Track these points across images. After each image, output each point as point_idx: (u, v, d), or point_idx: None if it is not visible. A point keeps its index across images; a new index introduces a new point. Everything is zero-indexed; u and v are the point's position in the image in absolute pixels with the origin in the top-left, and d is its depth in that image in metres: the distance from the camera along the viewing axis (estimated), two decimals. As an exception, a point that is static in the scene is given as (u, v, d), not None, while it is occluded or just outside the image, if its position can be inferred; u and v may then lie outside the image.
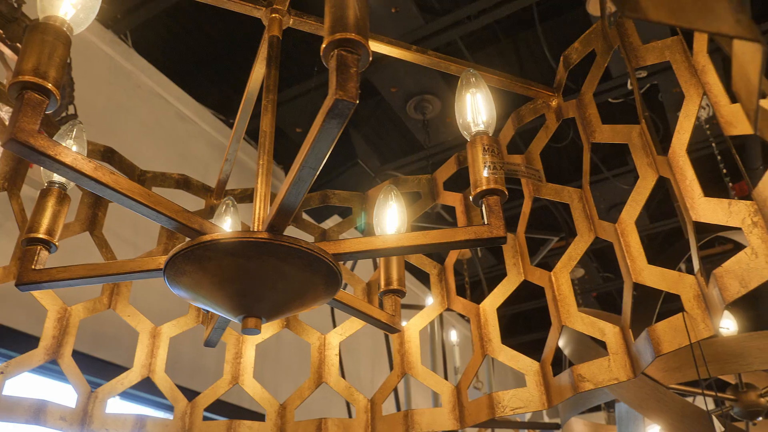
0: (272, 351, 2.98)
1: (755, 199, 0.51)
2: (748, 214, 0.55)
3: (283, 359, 2.99)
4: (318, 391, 1.04)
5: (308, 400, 1.02)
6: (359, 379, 3.57)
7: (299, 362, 3.03)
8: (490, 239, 0.62)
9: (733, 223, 0.58)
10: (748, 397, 1.74)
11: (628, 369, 0.76)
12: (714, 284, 0.60)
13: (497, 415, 0.88)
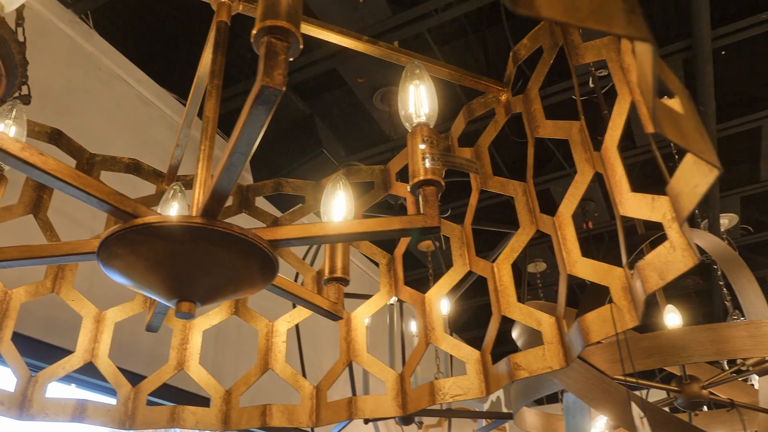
0: (233, 340, 2.97)
1: (668, 195, 0.53)
2: (669, 209, 0.58)
3: (243, 348, 2.98)
4: (280, 378, 1.04)
5: (270, 387, 1.03)
6: (321, 369, 3.58)
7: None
8: (425, 228, 0.64)
9: (655, 218, 0.60)
10: (691, 388, 1.80)
11: (561, 358, 0.78)
12: (637, 276, 0.62)
13: (437, 402, 0.89)
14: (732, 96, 3.35)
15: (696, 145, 0.39)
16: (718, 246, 1.96)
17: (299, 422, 0.98)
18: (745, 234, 4.23)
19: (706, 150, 0.39)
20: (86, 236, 2.21)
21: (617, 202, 0.66)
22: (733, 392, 2.18)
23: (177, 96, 3.06)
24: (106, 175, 1.16)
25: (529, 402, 1.75)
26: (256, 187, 1.20)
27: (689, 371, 2.14)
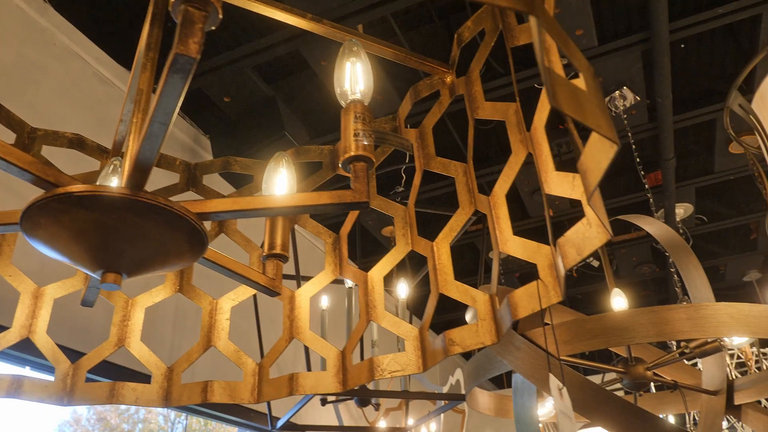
0: (191, 321, 2.95)
1: (579, 170, 0.54)
2: (586, 187, 0.59)
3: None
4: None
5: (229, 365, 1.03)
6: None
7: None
8: (354, 204, 0.64)
9: (576, 196, 0.62)
10: (637, 370, 1.86)
11: (494, 334, 0.80)
12: (558, 252, 0.64)
13: (376, 378, 0.91)
14: (689, 88, 3.43)
15: (594, 120, 0.41)
16: (667, 233, 2.01)
17: (241, 398, 0.99)
18: (700, 224, 4.35)
19: (604, 126, 0.41)
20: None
21: (543, 181, 0.68)
22: (678, 374, 2.25)
23: (137, 75, 3.00)
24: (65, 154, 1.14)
25: (481, 382, 1.78)
26: (203, 166, 1.19)
27: (638, 354, 2.21)
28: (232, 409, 3.15)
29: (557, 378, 1.04)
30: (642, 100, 3.32)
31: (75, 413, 8.34)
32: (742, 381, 2.08)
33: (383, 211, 1.04)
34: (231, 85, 3.08)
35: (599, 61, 3.04)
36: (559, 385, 0.71)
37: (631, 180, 3.95)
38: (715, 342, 1.75)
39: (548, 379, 1.56)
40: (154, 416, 9.72)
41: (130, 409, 9.48)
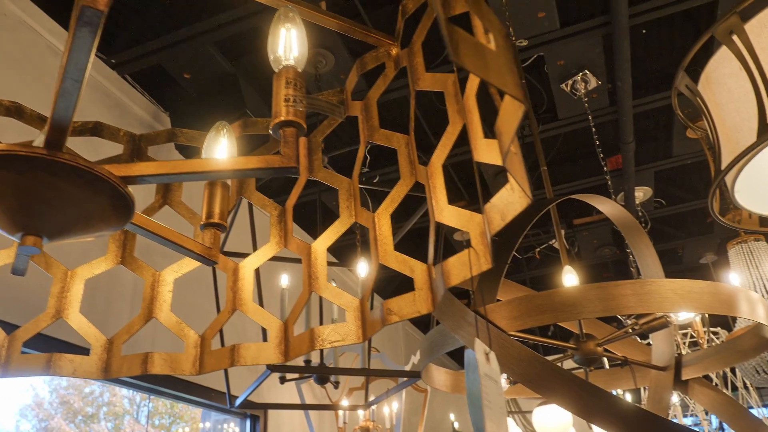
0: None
1: (496, 134, 0.55)
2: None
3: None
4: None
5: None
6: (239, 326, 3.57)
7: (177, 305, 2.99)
8: (282, 168, 0.64)
9: (499, 162, 0.62)
10: (587, 346, 1.90)
11: (429, 303, 0.81)
12: (485, 219, 0.65)
13: (316, 348, 0.91)
14: (650, 73, 3.48)
15: (498, 79, 0.41)
16: (620, 213, 2.05)
17: (182, 370, 0.98)
18: (659, 207, 4.45)
19: (510, 85, 0.41)
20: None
21: (472, 148, 0.68)
22: (630, 351, 2.32)
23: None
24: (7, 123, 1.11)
25: (434, 358, 1.80)
26: (149, 137, 1.17)
27: (591, 331, 2.26)
28: (192, 389, 3.13)
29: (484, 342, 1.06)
30: (603, 83, 3.36)
31: (37, 397, 8.16)
32: (690, 357, 2.15)
33: (328, 183, 1.04)
34: (191, 62, 3.03)
35: (561, 44, 3.07)
36: (485, 350, 0.73)
37: (592, 163, 4.01)
38: (662, 318, 1.80)
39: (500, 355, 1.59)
40: (119, 399, 9.58)
41: (94, 392, 9.34)
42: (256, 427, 3.53)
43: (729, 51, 1.31)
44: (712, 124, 1.44)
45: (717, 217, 1.50)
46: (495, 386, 0.68)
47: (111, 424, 8.65)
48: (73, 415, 8.28)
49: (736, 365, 3.36)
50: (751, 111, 1.26)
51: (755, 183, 1.45)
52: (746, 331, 1.90)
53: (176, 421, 9.12)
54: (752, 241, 3.22)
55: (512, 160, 0.52)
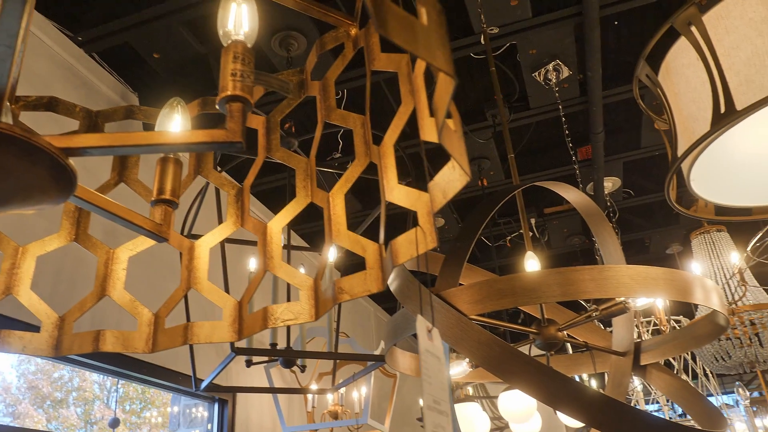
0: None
1: (434, 110, 0.56)
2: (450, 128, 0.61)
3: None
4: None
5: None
6: (199, 303, 3.56)
7: (144, 283, 2.97)
8: (226, 143, 0.64)
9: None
10: (549, 331, 1.94)
11: (380, 282, 0.82)
12: (428, 197, 0.65)
13: (269, 326, 0.92)
14: (621, 65, 3.52)
15: (428, 53, 0.41)
16: (584, 201, 2.08)
17: (134, 348, 0.98)
18: (627, 197, 4.53)
19: (441, 60, 0.42)
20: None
21: (420, 126, 0.69)
22: (592, 336, 2.36)
23: (59, 25, 2.86)
24: None
25: (396, 342, 1.82)
26: (105, 113, 1.16)
27: (554, 316, 2.30)
28: (159, 372, 3.12)
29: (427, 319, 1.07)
30: (574, 74, 3.39)
31: (4, 382, 8.02)
32: (648, 343, 2.20)
33: (286, 163, 1.04)
34: (161, 41, 2.98)
35: (533, 33, 3.08)
36: (428, 326, 0.74)
37: (563, 153, 4.05)
38: (620, 304, 1.84)
39: (460, 338, 1.61)
40: (89, 384, 9.45)
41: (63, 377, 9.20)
42: (224, 411, 3.53)
43: (687, 41, 1.34)
44: (670, 114, 1.47)
45: (674, 205, 1.53)
46: (437, 363, 0.69)
47: (80, 409, 8.55)
48: (41, 400, 8.16)
49: (697, 353, 3.45)
50: (707, 101, 1.29)
51: (710, 172, 1.48)
52: (702, 318, 1.95)
53: (147, 407, 9.04)
54: (714, 231, 3.30)
55: (451, 138, 0.52)
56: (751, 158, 1.47)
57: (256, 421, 3.77)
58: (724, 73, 1.26)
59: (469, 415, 3.22)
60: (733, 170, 1.50)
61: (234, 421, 3.53)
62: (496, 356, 1.55)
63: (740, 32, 1.27)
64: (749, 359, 2.99)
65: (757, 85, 1.22)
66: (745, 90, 1.23)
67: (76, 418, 8.38)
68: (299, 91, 1.10)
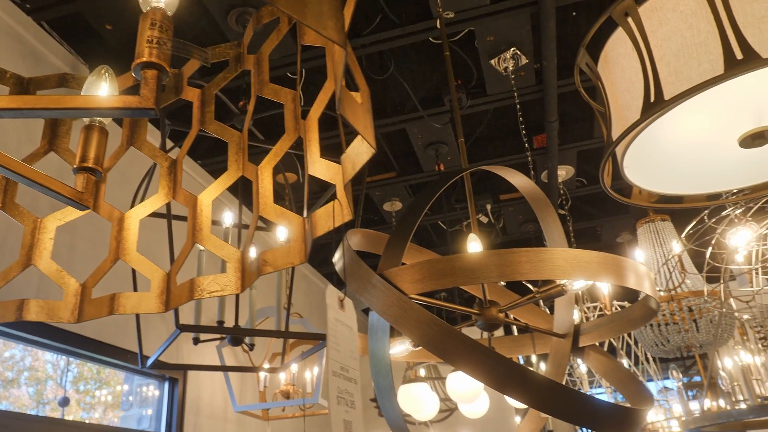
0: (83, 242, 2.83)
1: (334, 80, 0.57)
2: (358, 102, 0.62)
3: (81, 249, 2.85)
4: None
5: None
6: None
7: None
8: (139, 110, 0.64)
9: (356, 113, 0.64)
10: (490, 312, 1.98)
11: (302, 254, 0.84)
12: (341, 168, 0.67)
13: (195, 298, 0.92)
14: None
15: (317, 22, 0.42)
16: (528, 185, 2.13)
17: (59, 317, 0.97)
18: (580, 186, 4.63)
19: (331, 29, 0.43)
20: None
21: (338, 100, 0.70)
22: (535, 319, 2.43)
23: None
24: None
25: (341, 320, 1.84)
26: (37, 80, 1.13)
27: (496, 298, 2.35)
28: (107, 350, 3.08)
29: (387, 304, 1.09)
30: (531, 62, 3.44)
31: (-50, 361, 7.85)
32: (587, 325, 2.27)
33: (219, 136, 1.04)
34: (113, 12, 2.90)
35: (491, 20, 3.11)
36: (340, 296, 0.76)
37: (519, 141, 4.11)
38: (558, 287, 1.90)
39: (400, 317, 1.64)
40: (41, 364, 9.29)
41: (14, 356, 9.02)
42: (174, 390, 3.51)
43: (624, 32, 1.38)
44: (606, 102, 1.52)
45: (608, 191, 1.58)
46: (347, 332, 0.71)
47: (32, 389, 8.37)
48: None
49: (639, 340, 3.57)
50: (640, 90, 1.33)
51: (643, 160, 1.53)
52: (636, 303, 2.02)
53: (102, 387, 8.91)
54: (659, 221, 3.40)
55: (355, 110, 0.54)
56: (681, 148, 1.53)
57: (207, 400, 3.76)
58: (655, 63, 1.31)
59: (417, 395, 3.27)
60: (664, 159, 1.56)
61: (184, 400, 3.52)
62: (435, 335, 1.58)
63: (672, 24, 1.32)
64: (686, 344, 3.11)
65: (684, 76, 1.26)
66: (674, 80, 1.28)
67: (28, 398, 8.21)
68: (236, 64, 1.10)
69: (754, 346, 3.20)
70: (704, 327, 3.15)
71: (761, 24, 1.21)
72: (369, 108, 0.59)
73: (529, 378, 1.45)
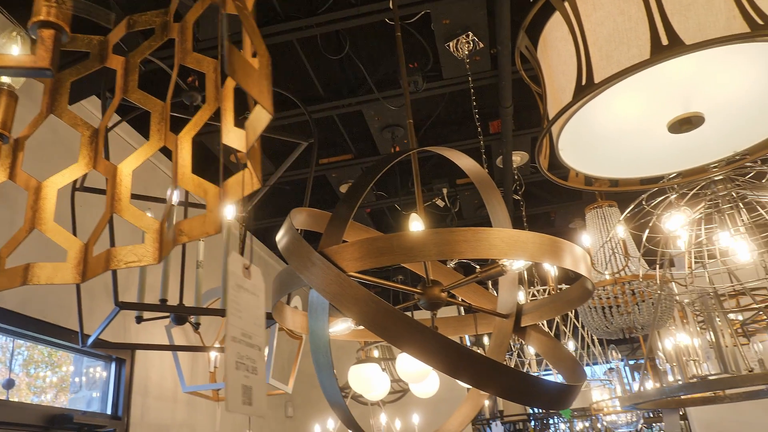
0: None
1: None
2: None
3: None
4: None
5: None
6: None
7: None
8: (34, 69, 0.62)
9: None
10: (432, 291, 2.01)
11: (217, 224, 0.83)
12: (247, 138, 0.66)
13: (112, 268, 0.91)
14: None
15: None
16: (474, 167, 2.15)
17: (-30, 287, 0.95)
18: (534, 172, 4.70)
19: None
20: None
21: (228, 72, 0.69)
22: (479, 299, 2.47)
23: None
24: None
25: (281, 297, 1.84)
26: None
27: (442, 278, 2.38)
28: (49, 329, 3.01)
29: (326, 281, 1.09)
30: (486, 47, 3.46)
31: None
32: (529, 306, 2.32)
33: (142, 105, 1.02)
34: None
35: (446, 4, 3.11)
36: (245, 263, 0.76)
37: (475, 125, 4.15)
38: (498, 267, 1.93)
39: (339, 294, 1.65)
40: (-12, 346, 9.04)
41: (-39, 339, 8.77)
42: (121, 371, 3.46)
43: (561, 15, 1.39)
44: (544, 85, 1.54)
45: (543, 172, 1.61)
46: (252, 299, 0.71)
47: (-22, 372, 8.16)
48: (-65, 363, 7.76)
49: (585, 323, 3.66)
50: (574, 73, 1.36)
51: (578, 143, 1.57)
52: (574, 284, 2.07)
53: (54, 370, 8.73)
54: (606, 206, 3.49)
55: (248, 73, 0.53)
56: (614, 133, 1.57)
57: (156, 381, 3.72)
58: (588, 47, 1.33)
59: (366, 375, 3.30)
60: (598, 143, 1.60)
61: (132, 380, 3.47)
62: (372, 312, 1.59)
63: (605, 9, 1.34)
64: (628, 325, 3.21)
65: (615, 60, 1.29)
66: (605, 65, 1.30)
67: (-27, 381, 8.02)
68: (162, 32, 1.08)
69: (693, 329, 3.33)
70: (645, 309, 3.26)
71: (687, 12, 1.25)
72: (267, 74, 0.58)
73: (468, 356, 1.48)
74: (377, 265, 1.64)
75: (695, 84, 1.44)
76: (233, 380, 0.63)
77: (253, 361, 0.67)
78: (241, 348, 0.66)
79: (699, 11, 1.24)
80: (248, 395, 0.63)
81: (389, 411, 5.42)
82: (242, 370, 0.64)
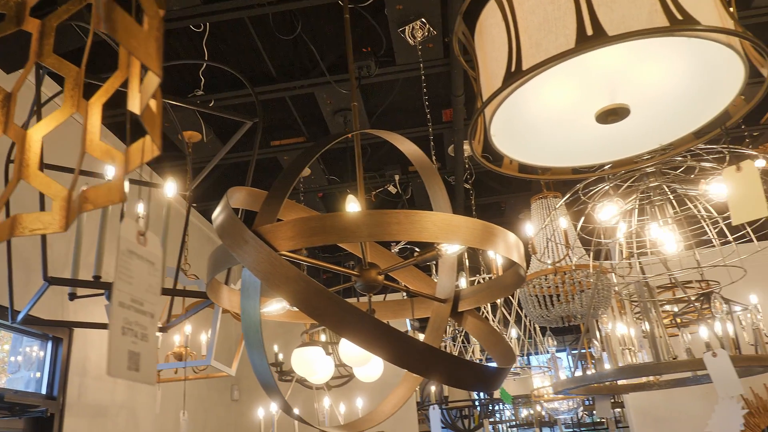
0: None
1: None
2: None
3: None
4: None
5: None
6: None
7: None
8: None
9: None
10: (369, 274, 2.03)
11: (122, 193, 0.82)
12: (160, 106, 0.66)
13: (16, 235, 0.89)
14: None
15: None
16: (416, 153, 2.17)
17: None
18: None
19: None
20: None
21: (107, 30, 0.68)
22: (419, 283, 2.50)
23: None
24: None
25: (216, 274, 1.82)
26: None
27: (381, 262, 2.40)
28: (-19, 305, 2.92)
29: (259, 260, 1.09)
30: (439, 34, 3.48)
31: None
32: (466, 291, 2.37)
33: (56, 70, 1.00)
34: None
35: (400, -12, 3.11)
36: (140, 230, 0.75)
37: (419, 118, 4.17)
38: (434, 250, 1.96)
39: (270, 273, 1.64)
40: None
41: None
42: (58, 350, 3.38)
43: (495, 2, 1.41)
44: (478, 71, 1.56)
45: (477, 157, 1.64)
46: (146, 266, 0.71)
47: None
48: None
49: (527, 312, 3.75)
50: (505, 60, 1.38)
51: (510, 130, 1.60)
52: (508, 271, 2.12)
53: (-5, 351, 8.49)
54: (551, 197, 3.57)
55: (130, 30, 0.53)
56: (544, 121, 1.61)
57: (95, 361, 3.65)
58: (519, 34, 1.36)
59: (310, 358, 3.31)
60: (529, 131, 1.63)
61: (69, 359, 3.40)
62: (302, 292, 1.60)
63: (537, -2, 1.36)
64: (566, 314, 3.30)
65: (543, 48, 1.32)
66: (534, 53, 1.33)
67: None
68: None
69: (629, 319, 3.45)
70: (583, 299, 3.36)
71: (613, 3, 1.28)
72: (157, 36, 0.58)
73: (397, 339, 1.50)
74: (310, 244, 1.65)
75: (623, 76, 1.49)
76: (117, 345, 0.63)
77: (144, 328, 0.67)
78: (129, 314, 0.66)
79: (624, 3, 1.27)
80: (135, 361, 0.63)
81: (334, 395, 5.44)
82: (130, 335, 0.64)
